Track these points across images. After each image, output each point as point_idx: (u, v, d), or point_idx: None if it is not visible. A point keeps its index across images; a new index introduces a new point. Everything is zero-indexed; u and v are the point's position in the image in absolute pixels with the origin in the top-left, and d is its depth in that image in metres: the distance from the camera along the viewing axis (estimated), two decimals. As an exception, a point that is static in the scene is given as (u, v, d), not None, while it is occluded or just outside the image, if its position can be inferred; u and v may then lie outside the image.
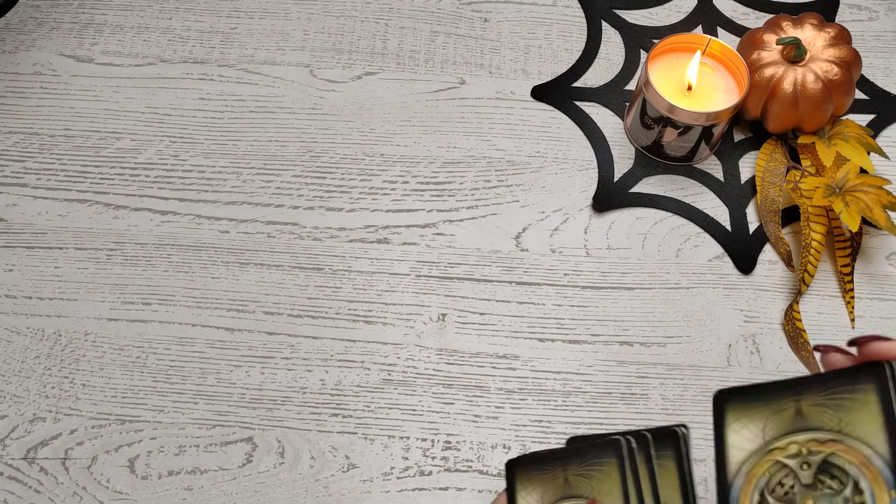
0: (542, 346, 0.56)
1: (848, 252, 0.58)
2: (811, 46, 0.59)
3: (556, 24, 0.70)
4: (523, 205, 0.61)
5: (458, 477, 0.51)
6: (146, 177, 0.62)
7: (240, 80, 0.66)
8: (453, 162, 0.63)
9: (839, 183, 0.58)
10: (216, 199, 0.61)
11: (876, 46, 0.69)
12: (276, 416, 0.53)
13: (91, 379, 0.54)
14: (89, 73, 0.67)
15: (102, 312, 0.56)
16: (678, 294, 0.57)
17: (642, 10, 0.70)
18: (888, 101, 0.66)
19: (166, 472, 0.51)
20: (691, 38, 0.60)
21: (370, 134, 0.64)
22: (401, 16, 0.70)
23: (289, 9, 0.70)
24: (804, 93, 0.58)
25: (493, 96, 0.66)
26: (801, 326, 0.56)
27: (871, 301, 0.57)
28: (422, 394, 0.54)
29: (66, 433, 0.52)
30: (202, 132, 0.64)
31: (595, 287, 0.58)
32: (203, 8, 0.70)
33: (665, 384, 0.54)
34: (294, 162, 0.62)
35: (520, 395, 0.54)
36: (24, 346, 0.55)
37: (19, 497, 0.50)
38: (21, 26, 0.69)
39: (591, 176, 0.62)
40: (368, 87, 0.66)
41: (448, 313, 0.57)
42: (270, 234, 0.59)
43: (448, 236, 0.60)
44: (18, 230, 0.60)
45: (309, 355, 0.55)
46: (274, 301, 0.57)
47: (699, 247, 0.59)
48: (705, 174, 0.62)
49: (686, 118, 0.57)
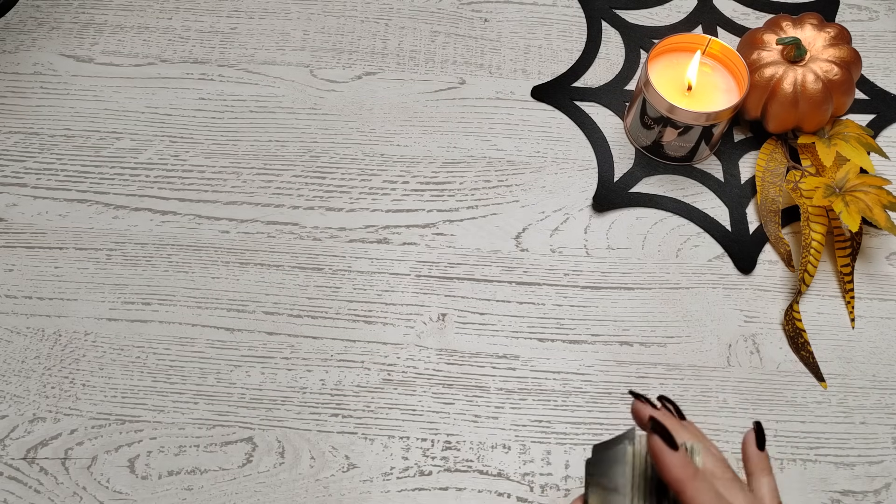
0: (542, 346, 0.56)
1: (848, 252, 0.58)
2: (811, 46, 0.59)
3: (556, 24, 0.70)
4: (523, 205, 0.61)
5: (458, 477, 0.51)
6: (146, 177, 0.62)
7: (240, 80, 0.66)
8: (453, 162, 0.63)
9: (839, 183, 0.58)
10: (216, 199, 0.61)
11: (876, 46, 0.69)
12: (276, 416, 0.53)
13: (91, 379, 0.54)
14: (89, 72, 0.67)
15: (102, 312, 0.56)
16: (678, 294, 0.57)
17: (642, 10, 0.70)
18: (888, 101, 0.66)
19: (166, 472, 0.51)
20: (691, 38, 0.60)
21: (370, 134, 0.64)
22: (401, 16, 0.70)
23: (289, 9, 0.70)
24: (804, 93, 0.58)
25: (493, 96, 0.66)
26: (801, 326, 0.56)
27: (871, 301, 0.57)
28: (422, 394, 0.54)
29: (66, 433, 0.52)
30: (202, 132, 0.64)
31: (595, 287, 0.58)
32: (203, 8, 0.70)
33: (665, 384, 0.54)
34: (294, 162, 0.62)
35: (520, 395, 0.54)
36: (24, 346, 0.55)
37: (19, 497, 0.50)
38: (21, 26, 0.69)
39: (591, 176, 0.62)
40: (368, 87, 0.66)
41: (448, 313, 0.57)
42: (270, 234, 0.59)
43: (448, 236, 0.60)
44: (18, 230, 0.60)
45: (309, 355, 0.55)
46: (274, 301, 0.57)
47: (699, 247, 0.59)
48: (705, 174, 0.62)
49: (686, 118, 0.57)
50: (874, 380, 0.54)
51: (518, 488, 0.51)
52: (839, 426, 0.53)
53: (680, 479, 0.34)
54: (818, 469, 0.52)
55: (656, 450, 0.34)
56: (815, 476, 0.51)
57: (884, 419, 0.53)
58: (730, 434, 0.53)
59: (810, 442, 0.52)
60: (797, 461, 0.52)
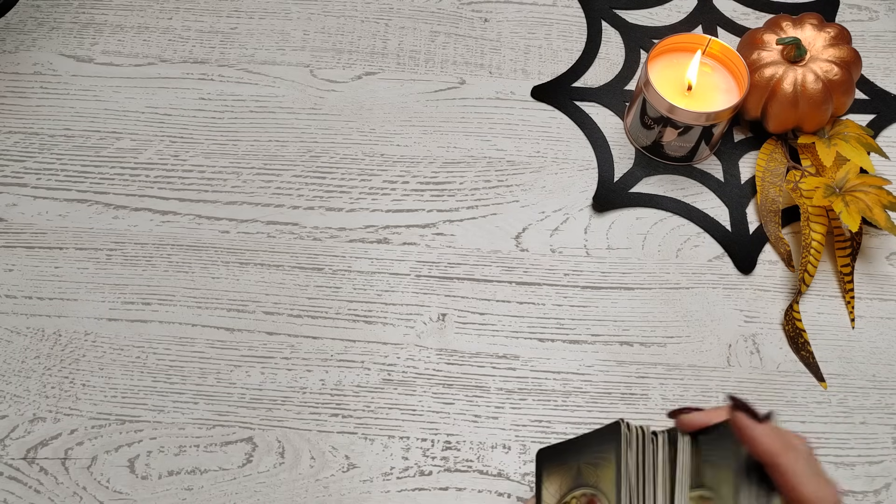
0: (542, 346, 0.56)
1: (848, 252, 0.58)
2: (811, 46, 0.59)
3: (556, 24, 0.70)
4: (523, 205, 0.61)
5: (458, 477, 0.51)
6: (146, 177, 0.62)
7: (240, 80, 0.66)
8: (453, 162, 0.63)
9: (839, 183, 0.58)
10: (216, 199, 0.61)
11: (876, 46, 0.69)
12: (276, 416, 0.53)
13: (91, 379, 0.54)
14: (89, 72, 0.67)
15: (102, 312, 0.56)
16: (678, 294, 0.57)
17: (642, 10, 0.70)
18: (888, 101, 0.66)
19: (166, 472, 0.51)
20: (691, 38, 0.60)
21: (370, 134, 0.64)
22: (401, 16, 0.70)
23: (289, 9, 0.70)
24: (804, 93, 0.58)
25: (493, 96, 0.66)
26: (801, 326, 0.56)
27: (871, 301, 0.57)
28: (422, 394, 0.54)
29: (66, 433, 0.52)
30: (202, 132, 0.64)
31: (595, 287, 0.58)
32: (203, 8, 0.70)
33: (665, 384, 0.54)
34: (294, 162, 0.62)
35: (520, 395, 0.54)
36: (24, 346, 0.55)
37: (19, 497, 0.50)
38: (21, 26, 0.69)
39: (591, 176, 0.62)
40: (368, 87, 0.66)
41: (448, 313, 0.57)
42: (270, 234, 0.59)
43: (448, 236, 0.60)
44: (18, 230, 0.60)
45: (309, 355, 0.55)
46: (274, 301, 0.57)
47: (699, 247, 0.59)
48: (705, 174, 0.62)
49: (686, 118, 0.57)
50: (874, 380, 0.54)
51: (518, 488, 0.51)
52: (839, 426, 0.53)
53: (772, 450, 0.33)
54: (818, 469, 0.52)
55: (742, 425, 0.33)
56: (815, 476, 0.51)
57: (884, 419, 0.53)
58: (730, 434, 0.53)
59: (810, 442, 0.52)
60: (797, 461, 0.52)
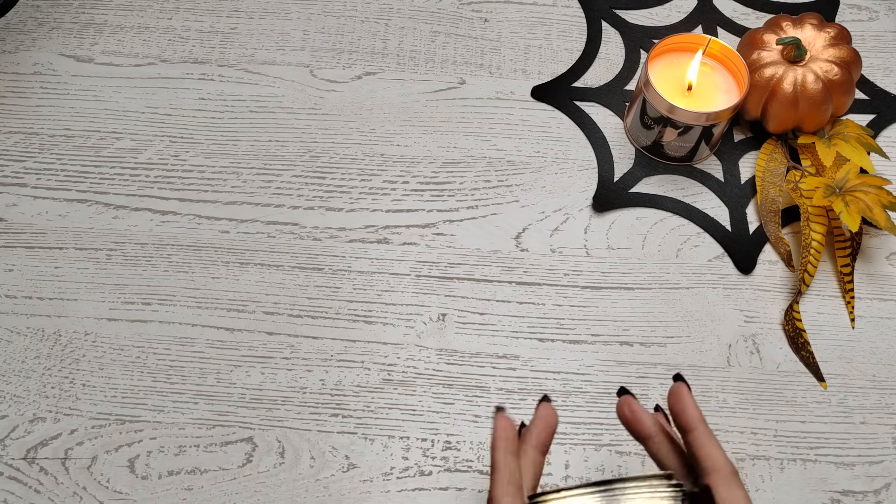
0: (542, 346, 0.56)
1: (848, 252, 0.58)
2: (811, 46, 0.59)
3: (556, 24, 0.70)
4: (523, 205, 0.61)
5: (458, 477, 0.51)
6: (146, 177, 0.62)
7: (240, 80, 0.66)
8: (453, 162, 0.63)
9: (839, 183, 0.58)
10: (216, 199, 0.61)
11: (876, 46, 0.69)
12: (276, 416, 0.53)
13: (91, 379, 0.54)
14: (89, 73, 0.67)
15: (102, 312, 0.56)
16: (678, 294, 0.57)
17: (642, 10, 0.70)
18: (888, 101, 0.66)
19: (166, 472, 0.51)
20: (691, 38, 0.60)
21: (370, 134, 0.64)
22: (401, 16, 0.70)
23: (289, 9, 0.70)
24: (804, 93, 0.58)
25: (493, 96, 0.66)
26: (801, 326, 0.56)
27: (871, 301, 0.57)
28: (422, 394, 0.54)
29: (66, 433, 0.52)
30: (202, 132, 0.64)
31: (595, 287, 0.58)
32: (203, 8, 0.70)
33: (665, 384, 0.54)
34: (294, 162, 0.62)
35: (520, 395, 0.54)
36: (24, 346, 0.55)
37: (19, 497, 0.50)
38: (21, 26, 0.69)
39: (591, 176, 0.62)
40: (368, 87, 0.66)
41: (448, 313, 0.57)
42: (270, 234, 0.59)
43: (448, 236, 0.60)
44: (18, 230, 0.60)
45: (309, 355, 0.55)
46: (274, 301, 0.57)
47: (699, 247, 0.59)
48: (705, 174, 0.62)
49: (686, 118, 0.57)
50: (874, 380, 0.54)
51: (518, 488, 0.51)
52: (839, 426, 0.53)
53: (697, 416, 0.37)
54: (818, 469, 0.52)
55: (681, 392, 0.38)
56: (815, 476, 0.51)
57: (884, 419, 0.53)
58: (730, 434, 0.53)
59: (810, 442, 0.52)
60: (797, 461, 0.52)
